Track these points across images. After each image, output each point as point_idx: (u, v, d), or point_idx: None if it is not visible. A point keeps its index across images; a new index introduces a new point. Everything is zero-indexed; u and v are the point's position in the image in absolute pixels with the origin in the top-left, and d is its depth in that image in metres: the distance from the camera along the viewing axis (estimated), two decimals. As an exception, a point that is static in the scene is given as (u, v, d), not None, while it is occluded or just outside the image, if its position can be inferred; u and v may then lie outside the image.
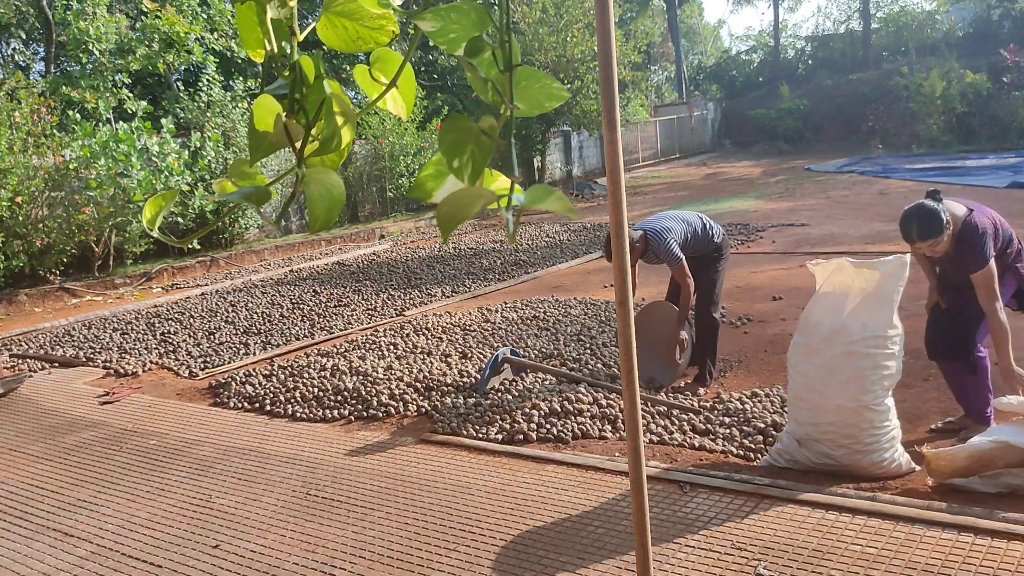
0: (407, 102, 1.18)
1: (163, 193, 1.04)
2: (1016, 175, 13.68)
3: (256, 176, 1.08)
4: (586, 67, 17.41)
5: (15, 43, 19.24)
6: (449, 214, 0.95)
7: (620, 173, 1.76)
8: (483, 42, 1.01)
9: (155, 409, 5.47)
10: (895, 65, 25.62)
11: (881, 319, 3.44)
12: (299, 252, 13.14)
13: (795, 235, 10.31)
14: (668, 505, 3.44)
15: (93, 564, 3.39)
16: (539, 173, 19.35)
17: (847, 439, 3.47)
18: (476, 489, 3.78)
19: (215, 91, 13.51)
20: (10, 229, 9.80)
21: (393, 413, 4.93)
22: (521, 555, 3.15)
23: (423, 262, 10.69)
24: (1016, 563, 2.77)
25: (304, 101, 1.03)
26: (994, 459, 3.26)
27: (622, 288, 1.83)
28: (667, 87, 39.69)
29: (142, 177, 10.53)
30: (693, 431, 4.25)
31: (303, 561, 3.26)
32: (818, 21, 61.84)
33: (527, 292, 8.27)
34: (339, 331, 7.15)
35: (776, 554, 2.98)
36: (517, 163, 1.05)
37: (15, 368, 6.90)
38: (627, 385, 1.90)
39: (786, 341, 4.35)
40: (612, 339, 6.06)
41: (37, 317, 9.17)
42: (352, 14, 1.09)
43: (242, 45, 1.12)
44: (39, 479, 4.40)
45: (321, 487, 3.96)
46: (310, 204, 1.00)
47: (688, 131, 27.43)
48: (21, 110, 10.27)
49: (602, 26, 1.68)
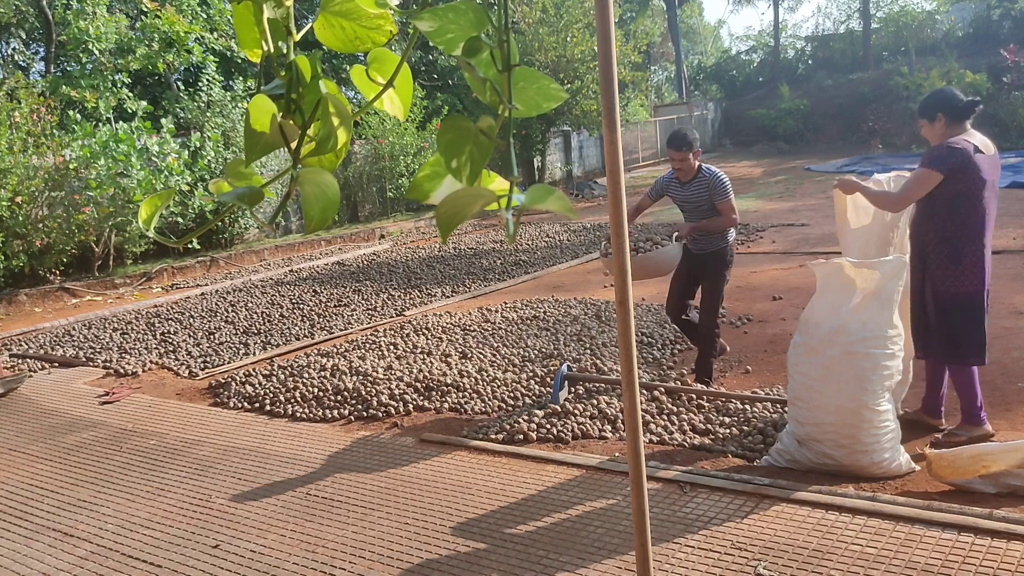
0: (404, 103, 1.17)
1: (159, 193, 1.04)
2: (1016, 175, 13.66)
3: (252, 176, 1.08)
4: (586, 67, 17.41)
5: (15, 43, 19.24)
6: (448, 214, 0.94)
7: (620, 173, 1.76)
8: (481, 42, 1.01)
9: (155, 409, 5.47)
10: (895, 65, 25.62)
11: (881, 319, 3.44)
12: (299, 252, 13.14)
13: (795, 235, 10.31)
14: (668, 505, 3.44)
15: (93, 564, 3.39)
16: (539, 173, 19.35)
17: (847, 439, 3.47)
18: (476, 489, 3.78)
19: (215, 91, 13.52)
20: (10, 229, 9.79)
21: (393, 413, 4.92)
22: (521, 555, 3.14)
23: (423, 262, 10.69)
24: (1016, 563, 2.77)
25: (300, 101, 1.02)
26: (995, 459, 3.26)
27: (622, 288, 1.83)
28: (667, 87, 39.68)
29: (142, 177, 10.53)
30: (693, 431, 4.25)
31: (303, 561, 3.25)
32: (818, 21, 61.92)
33: (527, 292, 8.27)
34: (339, 331, 7.15)
35: (776, 554, 2.97)
36: (517, 163, 1.05)
37: (15, 368, 6.89)
38: (627, 385, 1.89)
39: (786, 341, 4.35)
40: (612, 339, 6.05)
41: (37, 317, 9.16)
42: (350, 14, 1.08)
43: (240, 45, 1.12)
44: (39, 479, 4.39)
45: (321, 487, 3.96)
46: (305, 205, 0.99)
47: (688, 131, 27.37)
48: (21, 110, 10.27)
49: (602, 26, 1.68)
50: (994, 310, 5.96)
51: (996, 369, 4.74)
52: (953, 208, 3.64)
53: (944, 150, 3.61)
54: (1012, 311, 5.93)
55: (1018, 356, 4.97)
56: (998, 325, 5.59)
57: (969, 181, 3.60)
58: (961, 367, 3.77)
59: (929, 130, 3.75)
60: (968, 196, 3.62)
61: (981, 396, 3.84)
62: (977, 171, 3.60)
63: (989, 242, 3.72)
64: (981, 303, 3.70)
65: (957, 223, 3.65)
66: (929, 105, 3.72)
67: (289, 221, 14.75)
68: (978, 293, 3.68)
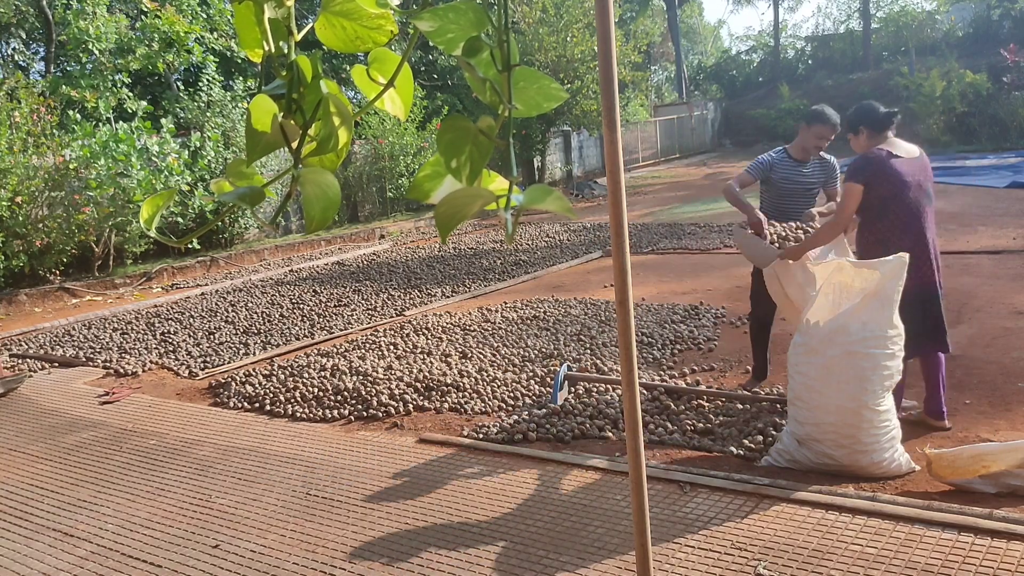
0: (405, 102, 1.17)
1: (160, 193, 1.04)
2: (1016, 175, 13.67)
3: (253, 176, 1.08)
4: (586, 67, 17.41)
5: (15, 43, 19.24)
6: (448, 214, 0.94)
7: (620, 173, 1.76)
8: (481, 42, 1.01)
9: (155, 409, 5.47)
10: (895, 65, 25.62)
11: (881, 319, 3.44)
12: (299, 252, 13.14)
13: (795, 235, 10.29)
14: (668, 505, 3.44)
15: (93, 564, 3.39)
16: (539, 173, 19.35)
17: (847, 439, 3.47)
18: (476, 489, 3.78)
19: (215, 91, 13.52)
20: (10, 229, 9.80)
21: (393, 413, 4.92)
22: (521, 555, 3.14)
23: (423, 262, 10.69)
24: (1016, 563, 2.77)
25: (301, 101, 1.03)
26: (995, 459, 3.26)
27: (622, 288, 1.83)
28: (667, 87, 39.70)
29: (142, 177, 10.53)
30: (693, 431, 4.25)
31: (303, 561, 3.25)
32: (818, 21, 61.92)
33: (527, 292, 8.27)
34: (339, 331, 7.15)
35: (776, 554, 2.98)
36: (516, 163, 1.05)
37: (15, 368, 6.89)
38: (627, 385, 1.89)
39: (786, 341, 4.34)
40: (612, 339, 6.05)
41: (37, 317, 9.16)
42: (350, 14, 1.08)
43: (241, 45, 1.12)
44: (39, 479, 4.39)
45: (321, 487, 3.96)
46: (305, 205, 0.99)
47: (688, 131, 27.42)
48: (21, 110, 10.27)
49: (602, 26, 1.68)
50: (994, 310, 5.98)
51: (996, 369, 4.74)
52: (880, 213, 3.85)
53: (860, 162, 3.88)
54: (1012, 311, 5.93)
55: (1018, 356, 4.97)
56: (998, 325, 5.60)
57: (889, 185, 3.81)
58: (927, 357, 3.94)
59: (855, 142, 4.01)
60: (890, 199, 3.82)
61: (945, 392, 3.97)
62: (895, 175, 3.82)
63: (930, 237, 3.88)
64: (928, 295, 3.85)
65: (886, 225, 3.85)
66: (852, 119, 3.99)
67: (289, 221, 14.76)
68: (923, 285, 3.83)
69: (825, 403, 3.49)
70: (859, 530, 3.09)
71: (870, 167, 3.84)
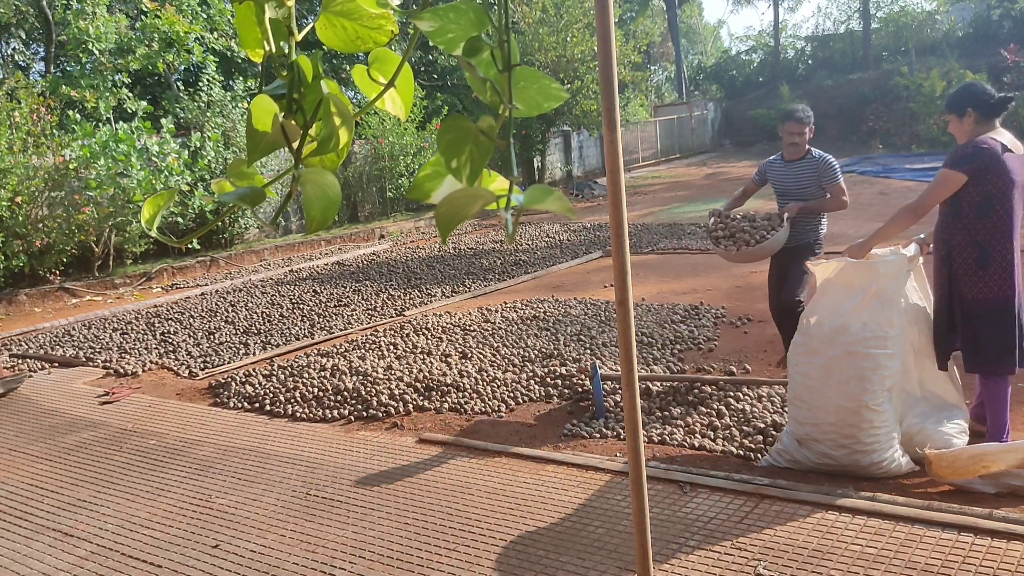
0: (405, 102, 1.17)
1: (161, 193, 1.04)
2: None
3: (254, 176, 1.08)
4: (586, 67, 17.41)
5: (15, 43, 19.23)
6: (448, 214, 0.94)
7: (620, 173, 1.76)
8: (481, 42, 1.01)
9: (155, 409, 5.47)
10: (895, 65, 25.62)
11: (882, 319, 3.44)
12: (299, 252, 13.14)
13: (795, 235, 10.30)
14: (668, 505, 3.44)
15: (93, 564, 3.39)
16: (539, 173, 19.35)
17: (847, 439, 3.47)
18: (476, 489, 3.78)
19: (215, 91, 13.51)
20: (10, 229, 9.80)
21: (393, 413, 4.92)
22: (521, 555, 3.14)
23: (423, 262, 10.69)
24: (1016, 563, 2.77)
25: (302, 101, 1.03)
26: (995, 459, 3.26)
27: (622, 288, 1.83)
28: (667, 87, 39.70)
29: (142, 177, 10.53)
30: (693, 431, 4.25)
31: (303, 561, 3.25)
32: (818, 21, 61.92)
33: (527, 292, 8.27)
34: (339, 331, 7.15)
35: (776, 554, 2.98)
36: (516, 163, 1.05)
37: (15, 368, 6.89)
38: (627, 385, 1.89)
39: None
40: (612, 339, 6.05)
41: (37, 317, 9.16)
42: (351, 14, 1.08)
43: (241, 45, 1.12)
44: (39, 479, 4.39)
45: (321, 487, 3.96)
46: (306, 205, 0.99)
47: (688, 131, 27.42)
48: (21, 110, 10.27)
49: (602, 26, 1.68)
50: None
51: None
52: (982, 211, 3.43)
53: (969, 149, 3.42)
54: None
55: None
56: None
57: (997, 181, 3.39)
58: (989, 377, 3.57)
59: (957, 126, 3.56)
60: (997, 197, 3.40)
61: (1010, 417, 3.61)
62: (1006, 171, 3.39)
63: (1018, 245, 3.48)
64: (1011, 308, 3.48)
65: (986, 226, 3.44)
66: (958, 99, 3.52)
67: (289, 221, 14.76)
68: (1008, 298, 3.47)
69: (825, 403, 3.49)
70: (859, 530, 3.09)
71: (981, 158, 3.37)
